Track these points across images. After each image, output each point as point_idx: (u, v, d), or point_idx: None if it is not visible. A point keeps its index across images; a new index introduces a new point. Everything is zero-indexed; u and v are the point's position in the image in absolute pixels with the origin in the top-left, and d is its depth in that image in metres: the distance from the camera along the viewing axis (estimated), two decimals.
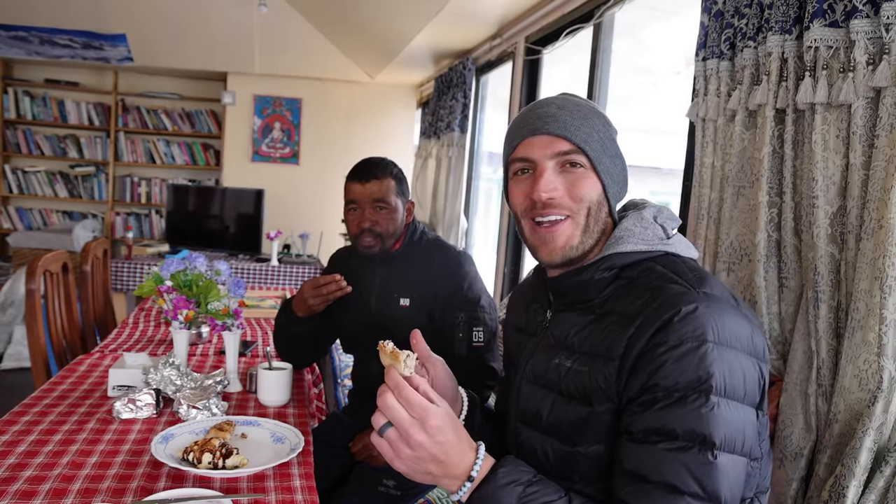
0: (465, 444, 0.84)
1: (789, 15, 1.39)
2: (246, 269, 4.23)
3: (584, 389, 0.92)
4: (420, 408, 0.80)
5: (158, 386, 1.54)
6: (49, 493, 1.13)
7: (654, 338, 0.85)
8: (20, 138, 5.91)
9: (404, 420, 0.80)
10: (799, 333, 1.38)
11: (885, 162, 1.18)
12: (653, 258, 0.96)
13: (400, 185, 1.76)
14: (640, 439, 0.85)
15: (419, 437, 0.80)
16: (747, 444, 0.84)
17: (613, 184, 0.99)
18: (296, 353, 1.83)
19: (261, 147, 5.76)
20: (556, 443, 0.97)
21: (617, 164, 1.00)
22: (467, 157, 4.12)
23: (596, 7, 2.68)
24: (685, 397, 0.82)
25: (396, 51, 4.41)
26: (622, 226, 0.99)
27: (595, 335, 0.94)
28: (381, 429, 0.82)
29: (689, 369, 0.83)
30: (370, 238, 1.74)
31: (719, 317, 0.85)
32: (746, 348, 0.86)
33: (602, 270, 0.96)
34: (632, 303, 0.91)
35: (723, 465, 0.81)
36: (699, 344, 0.83)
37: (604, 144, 0.98)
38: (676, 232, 1.01)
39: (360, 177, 1.74)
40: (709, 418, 0.81)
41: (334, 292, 1.70)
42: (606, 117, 1.02)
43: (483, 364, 1.74)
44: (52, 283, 2.26)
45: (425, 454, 0.81)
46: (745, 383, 0.84)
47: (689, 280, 0.90)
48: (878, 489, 1.16)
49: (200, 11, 4.87)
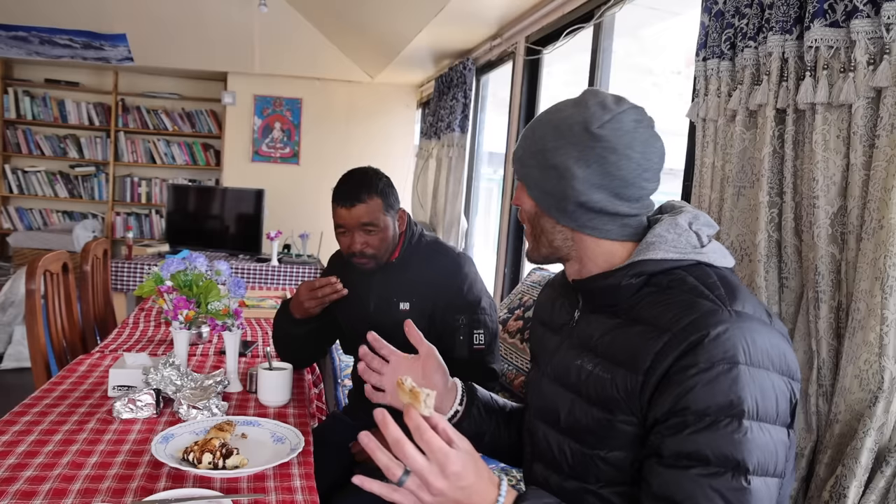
0: (487, 483, 0.82)
1: (790, 15, 1.39)
2: (246, 269, 4.23)
3: (605, 396, 0.91)
4: (441, 453, 0.78)
5: (158, 386, 1.54)
6: (49, 494, 1.13)
7: (683, 359, 0.83)
8: (20, 138, 5.90)
9: (423, 468, 0.77)
10: (799, 333, 1.38)
11: (885, 162, 1.18)
12: (684, 267, 0.93)
13: (387, 199, 1.71)
14: (670, 463, 0.83)
15: (440, 485, 0.78)
16: (780, 465, 0.83)
17: (543, 195, 0.99)
18: (295, 354, 1.83)
19: (261, 147, 5.76)
20: (573, 443, 0.96)
21: (546, 175, 0.97)
22: (468, 158, 4.12)
23: (596, 7, 2.68)
24: (717, 422, 0.81)
25: (396, 51, 4.41)
26: (654, 231, 0.95)
27: (620, 341, 0.92)
28: (399, 479, 0.79)
29: (720, 393, 0.81)
30: (362, 259, 1.72)
31: (751, 336, 0.83)
32: (779, 367, 0.84)
33: (630, 277, 0.94)
34: (661, 315, 0.89)
35: (756, 489, 0.80)
36: (731, 367, 0.81)
37: (534, 157, 0.99)
38: (712, 240, 0.98)
39: (344, 200, 1.68)
40: (742, 443, 0.80)
41: (329, 295, 1.70)
42: (552, 125, 0.97)
43: (484, 366, 1.74)
44: (52, 283, 2.26)
45: (447, 500, 0.79)
46: (777, 404, 0.83)
47: (720, 296, 0.87)
48: (878, 489, 1.16)
49: (200, 11, 4.87)
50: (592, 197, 0.95)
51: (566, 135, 0.95)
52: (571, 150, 0.95)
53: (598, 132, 0.93)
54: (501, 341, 2.71)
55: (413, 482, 0.78)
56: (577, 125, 0.95)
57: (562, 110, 0.99)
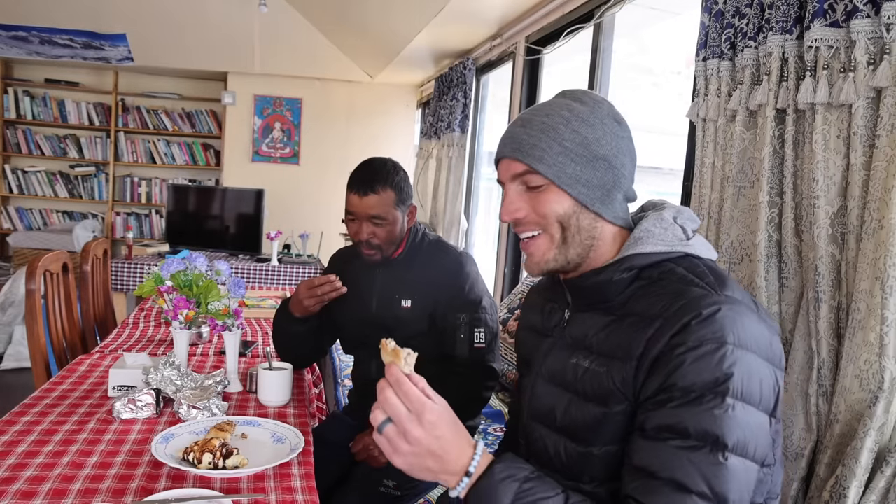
0: (464, 441, 0.85)
1: (790, 15, 1.39)
2: (246, 269, 4.23)
3: (602, 390, 0.92)
4: (418, 402, 0.82)
5: (158, 386, 1.54)
6: (49, 494, 1.13)
7: (674, 339, 0.85)
8: (20, 138, 5.91)
9: (402, 415, 0.81)
10: (799, 333, 1.38)
11: (885, 162, 1.18)
12: (673, 259, 0.95)
13: (400, 194, 1.72)
14: (651, 436, 0.85)
15: (416, 433, 0.81)
16: (760, 451, 0.84)
17: (589, 190, 0.96)
18: (294, 353, 1.83)
19: (261, 147, 5.76)
20: (568, 442, 0.97)
21: (593, 167, 0.96)
22: (468, 158, 4.12)
23: (596, 7, 2.68)
24: (701, 397, 0.82)
25: (397, 51, 4.41)
26: (641, 226, 0.98)
27: (614, 336, 0.93)
28: (380, 426, 0.83)
29: (706, 370, 0.82)
30: (369, 249, 1.74)
31: (740, 320, 0.84)
32: (765, 354, 0.85)
33: (621, 271, 0.96)
34: (652, 305, 0.90)
35: (733, 467, 0.81)
36: (719, 346, 0.82)
37: (568, 154, 0.95)
38: (696, 233, 1.00)
39: (358, 188, 1.69)
40: (723, 419, 0.81)
41: (329, 293, 1.70)
42: (580, 118, 0.97)
43: (484, 364, 1.74)
44: (52, 283, 2.26)
45: (423, 449, 0.82)
46: (761, 388, 0.84)
47: (709, 283, 0.89)
48: (878, 490, 1.16)
49: (201, 11, 4.87)
50: (630, 183, 1.00)
51: (602, 126, 0.97)
52: (612, 140, 0.97)
53: (623, 122, 1.00)
54: (501, 341, 2.72)
55: (392, 429, 0.82)
56: (607, 117, 0.98)
57: (572, 107, 0.98)
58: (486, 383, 1.74)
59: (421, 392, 0.83)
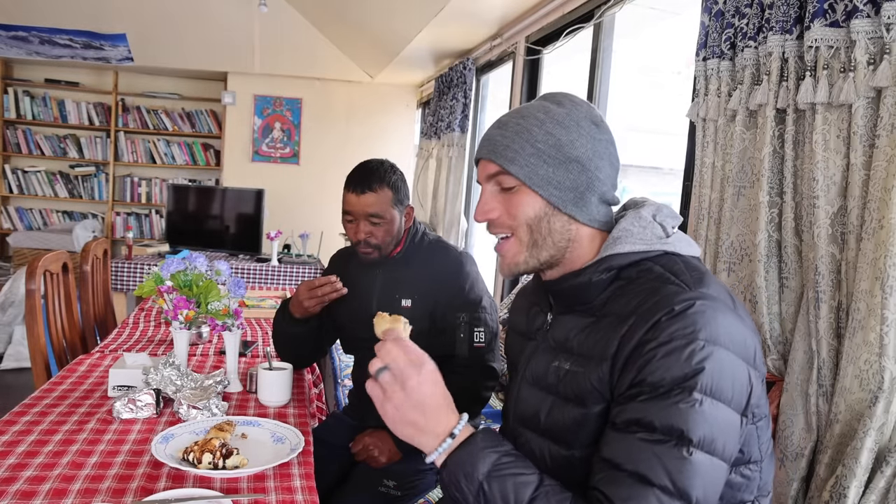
0: (452, 407, 0.89)
1: (790, 15, 1.39)
2: (246, 269, 4.23)
3: (580, 391, 0.92)
4: (419, 355, 0.86)
5: (158, 386, 1.54)
6: (49, 494, 1.13)
7: (646, 335, 0.85)
8: (20, 138, 5.91)
9: (403, 362, 0.85)
10: (799, 333, 1.38)
11: (885, 162, 1.18)
12: (652, 258, 0.95)
13: (397, 193, 1.73)
14: (620, 429, 0.85)
15: (414, 381, 0.85)
16: (728, 449, 0.83)
17: (561, 192, 0.96)
18: (294, 353, 1.83)
19: (261, 147, 5.76)
20: (552, 445, 0.97)
21: (566, 169, 0.96)
22: (468, 158, 4.12)
23: (596, 7, 2.68)
24: (669, 391, 0.82)
25: (396, 51, 4.41)
26: (619, 226, 0.97)
27: (592, 336, 0.93)
28: (377, 372, 0.85)
29: (676, 365, 0.82)
30: (367, 248, 1.74)
31: (713, 315, 0.84)
32: (739, 351, 0.85)
33: (600, 272, 0.95)
34: (627, 303, 0.91)
35: (698, 463, 0.80)
36: (689, 341, 0.82)
37: (540, 155, 0.95)
38: (677, 230, 0.99)
39: (355, 187, 1.70)
40: (689, 414, 0.80)
41: (329, 294, 1.71)
42: (555, 120, 0.97)
43: (484, 364, 1.74)
44: (52, 283, 2.26)
45: (415, 401, 0.85)
46: (733, 386, 0.83)
47: (685, 280, 0.89)
48: (878, 489, 1.16)
49: (201, 11, 4.87)
50: (608, 186, 0.99)
51: (578, 128, 0.97)
52: (588, 143, 0.97)
53: (602, 125, 0.99)
54: (501, 341, 2.72)
55: (388, 376, 0.86)
56: (584, 119, 0.98)
57: (548, 108, 0.98)
58: (485, 383, 1.74)
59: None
